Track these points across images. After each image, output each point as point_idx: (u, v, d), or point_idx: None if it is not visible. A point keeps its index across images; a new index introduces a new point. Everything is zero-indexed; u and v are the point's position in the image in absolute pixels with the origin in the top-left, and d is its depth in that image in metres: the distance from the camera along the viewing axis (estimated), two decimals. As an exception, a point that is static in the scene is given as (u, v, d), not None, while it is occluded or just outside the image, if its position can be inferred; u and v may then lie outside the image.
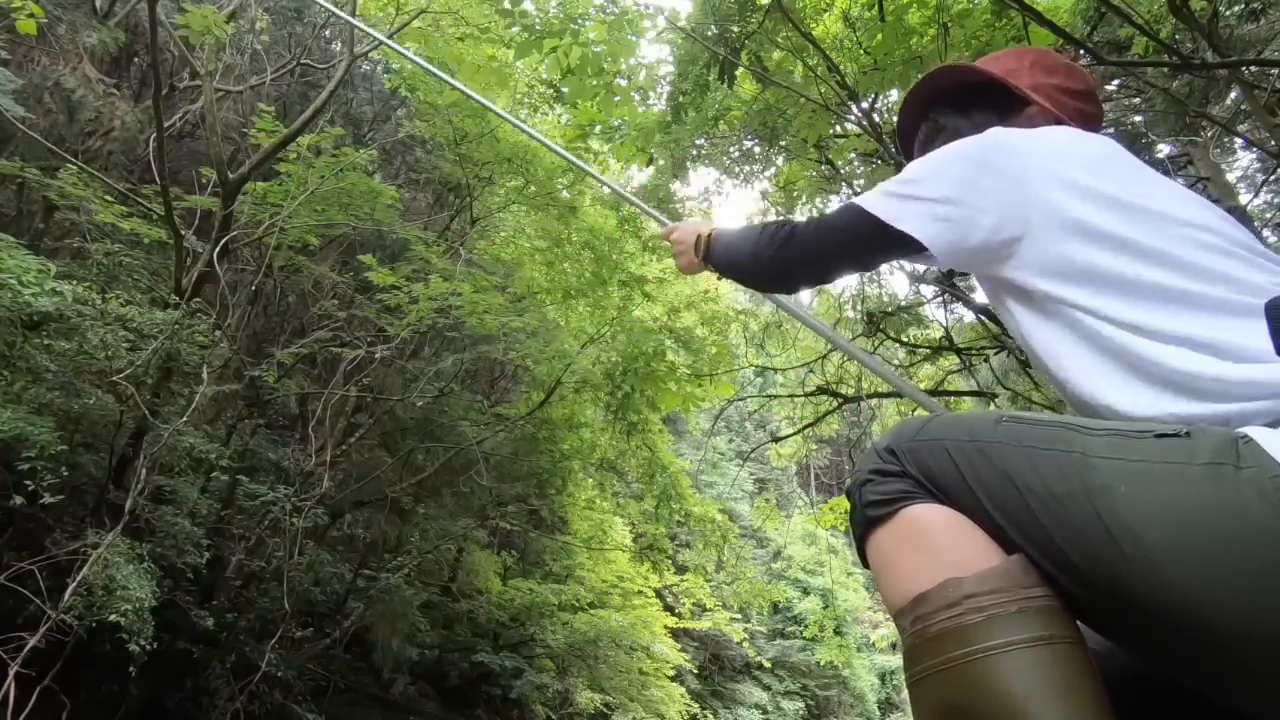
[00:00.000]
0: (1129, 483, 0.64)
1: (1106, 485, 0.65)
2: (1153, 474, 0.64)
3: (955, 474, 0.73)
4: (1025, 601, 0.67)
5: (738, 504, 18.17)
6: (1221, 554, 0.60)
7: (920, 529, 0.74)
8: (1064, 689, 0.64)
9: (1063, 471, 0.68)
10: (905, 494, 0.76)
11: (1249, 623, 0.59)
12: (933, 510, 0.74)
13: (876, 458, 0.79)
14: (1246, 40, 5.04)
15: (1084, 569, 0.66)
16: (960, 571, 0.70)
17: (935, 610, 0.70)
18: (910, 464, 0.76)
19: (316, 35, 8.48)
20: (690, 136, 6.31)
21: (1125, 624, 0.67)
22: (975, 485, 0.72)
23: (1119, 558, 0.63)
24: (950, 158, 0.88)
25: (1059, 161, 0.83)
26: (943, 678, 0.68)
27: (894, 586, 0.75)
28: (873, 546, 0.78)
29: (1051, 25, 2.72)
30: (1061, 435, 0.70)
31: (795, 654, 18.48)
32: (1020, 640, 0.66)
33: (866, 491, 0.78)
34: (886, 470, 0.77)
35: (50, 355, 4.64)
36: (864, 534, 0.79)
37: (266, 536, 6.07)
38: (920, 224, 0.87)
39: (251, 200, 5.87)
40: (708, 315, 10.01)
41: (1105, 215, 0.78)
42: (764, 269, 1.08)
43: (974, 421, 0.77)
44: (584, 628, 10.37)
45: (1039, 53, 1.08)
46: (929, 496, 0.75)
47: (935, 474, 0.75)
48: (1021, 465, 0.70)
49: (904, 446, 0.77)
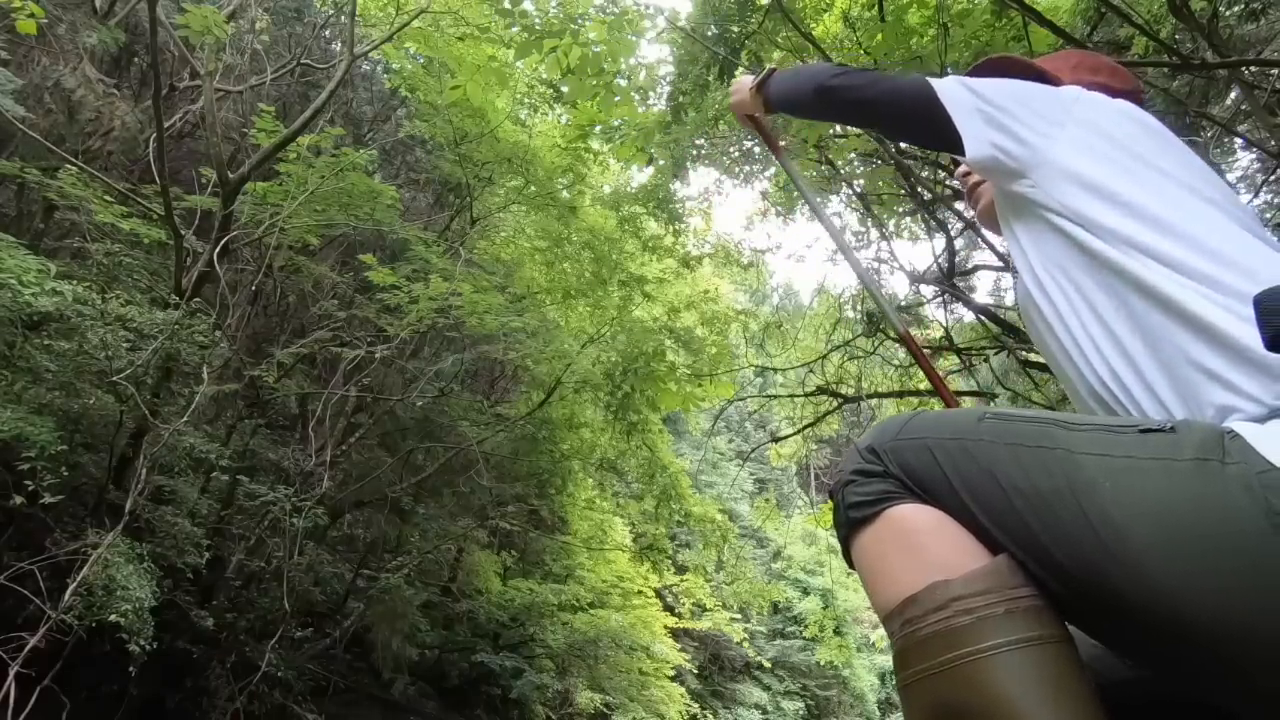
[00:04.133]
0: (1114, 479, 0.64)
1: (1092, 481, 0.64)
2: (1138, 470, 0.64)
3: (938, 473, 0.72)
4: (1013, 602, 0.67)
5: (738, 504, 18.17)
6: (1207, 550, 0.59)
7: (904, 530, 0.73)
8: (1055, 688, 0.63)
9: (1047, 468, 0.67)
10: (888, 494, 0.75)
11: (1236, 620, 0.58)
12: (917, 510, 0.73)
13: (858, 457, 0.78)
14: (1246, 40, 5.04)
15: (1070, 568, 0.65)
16: (947, 573, 0.69)
17: (924, 613, 0.69)
18: (892, 463, 0.75)
19: (316, 35, 8.48)
20: (690, 136, 6.31)
21: (1113, 624, 0.67)
22: (959, 484, 0.71)
23: (1105, 555, 0.62)
24: (1016, 87, 0.93)
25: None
26: (933, 681, 0.68)
27: (881, 589, 0.74)
28: (857, 548, 0.78)
29: (1051, 25, 2.73)
30: (1046, 432, 0.70)
31: (795, 654, 18.48)
32: (1009, 641, 0.65)
33: (849, 492, 0.77)
34: (869, 470, 0.76)
35: (50, 355, 4.64)
36: (848, 535, 0.79)
37: (266, 536, 6.08)
38: (967, 117, 0.91)
39: (251, 200, 5.87)
40: (708, 315, 10.02)
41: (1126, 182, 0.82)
42: (818, 90, 1.11)
43: (957, 419, 0.76)
44: (584, 628, 10.38)
45: (1083, 54, 1.10)
46: (912, 496, 0.74)
47: (918, 473, 0.74)
48: (1005, 463, 0.69)
49: (886, 445, 0.76)
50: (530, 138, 8.35)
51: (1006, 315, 6.30)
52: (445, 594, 9.80)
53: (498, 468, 8.72)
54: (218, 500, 6.28)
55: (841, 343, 7.53)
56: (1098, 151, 0.83)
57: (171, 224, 5.31)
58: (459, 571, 10.25)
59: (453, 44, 6.99)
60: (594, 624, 10.44)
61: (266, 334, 7.65)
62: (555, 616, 10.32)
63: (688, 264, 9.36)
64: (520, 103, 8.81)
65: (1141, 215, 0.77)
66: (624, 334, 8.71)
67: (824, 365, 7.60)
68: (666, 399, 8.97)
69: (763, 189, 8.21)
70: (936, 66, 3.50)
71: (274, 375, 6.24)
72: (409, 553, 8.25)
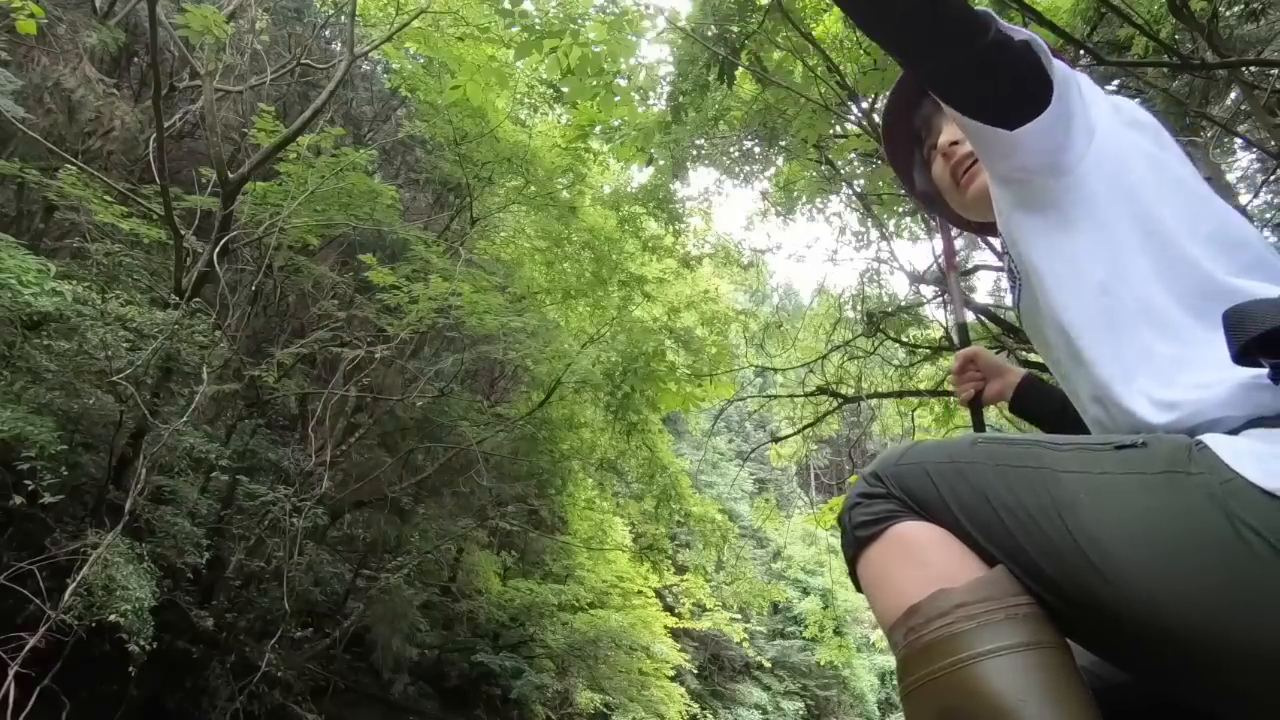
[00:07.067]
0: (1093, 495, 0.67)
1: (1073, 498, 0.68)
2: (1114, 485, 0.67)
3: (935, 495, 0.76)
4: (1012, 609, 0.69)
5: (738, 504, 18.17)
6: (1180, 559, 0.62)
7: (908, 544, 0.76)
8: (1053, 692, 0.65)
9: (1033, 487, 0.70)
10: (892, 513, 0.78)
11: (1211, 625, 0.60)
12: (920, 527, 0.76)
13: (863, 483, 0.82)
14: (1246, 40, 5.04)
15: (1058, 581, 0.68)
16: (949, 583, 0.72)
17: (928, 620, 0.71)
18: (895, 487, 0.78)
19: (316, 35, 8.48)
20: (690, 136, 6.32)
21: (1102, 634, 0.69)
22: (954, 504, 0.74)
23: (1088, 569, 0.65)
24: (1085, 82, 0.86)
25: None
26: (935, 686, 0.69)
27: (886, 601, 0.77)
28: (863, 565, 0.80)
29: (1051, 25, 2.73)
30: (1032, 452, 0.73)
31: (795, 654, 18.48)
32: (1009, 646, 0.67)
33: (855, 514, 0.80)
34: (873, 493, 0.80)
35: (50, 355, 4.64)
36: (855, 555, 0.81)
37: (266, 536, 6.07)
38: (1065, 87, 0.81)
39: (251, 200, 5.87)
40: (708, 315, 10.02)
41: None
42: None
43: (951, 445, 0.79)
44: (584, 628, 10.38)
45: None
46: (915, 515, 0.77)
47: (917, 495, 0.77)
48: (995, 484, 0.73)
49: (888, 471, 0.80)
50: (530, 138, 8.35)
51: (1006, 315, 6.29)
52: (445, 594, 9.80)
53: (497, 468, 8.72)
54: (218, 500, 6.27)
55: (841, 343, 7.54)
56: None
57: (171, 224, 5.31)
58: (459, 571, 10.26)
59: (453, 44, 6.99)
60: (594, 624, 10.44)
61: (266, 334, 7.65)
62: (555, 616, 10.32)
63: (688, 264, 9.37)
64: (520, 103, 8.82)
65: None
66: (624, 334, 8.72)
67: (824, 365, 7.60)
68: (666, 399, 8.97)
69: (763, 189, 8.21)
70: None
71: (274, 375, 6.24)
72: (409, 553, 8.25)
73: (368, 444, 8.07)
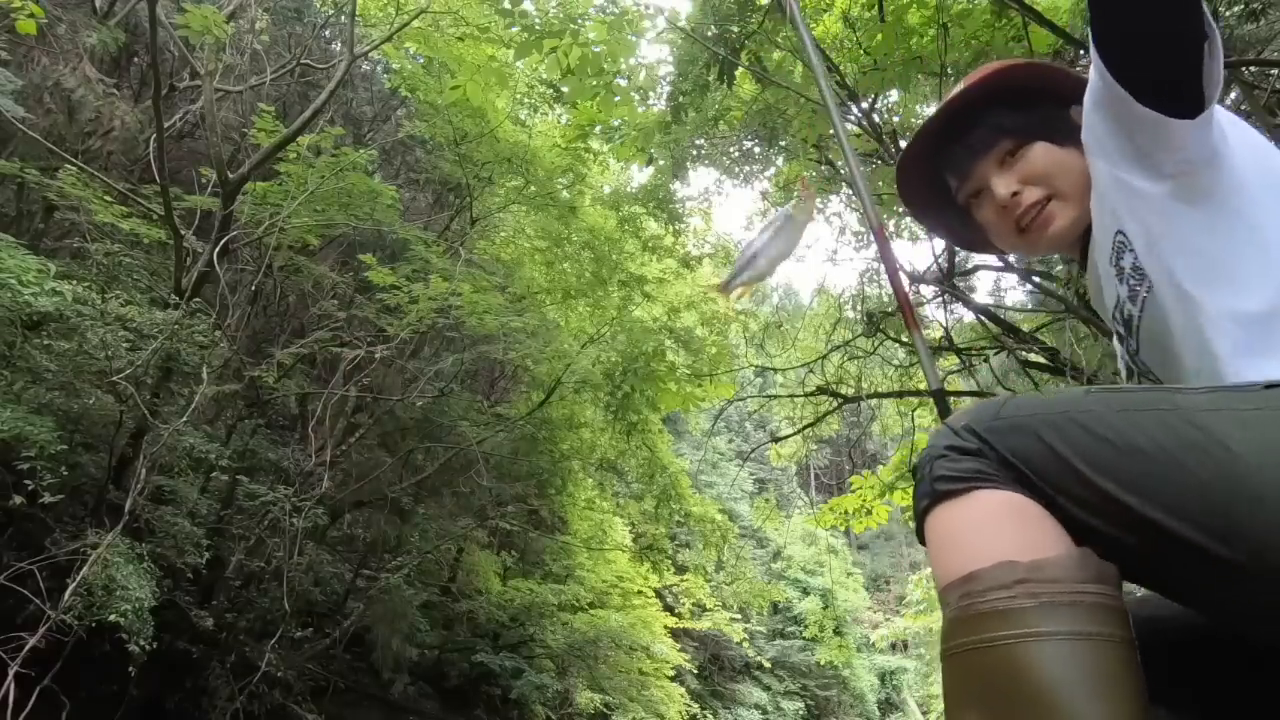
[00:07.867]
0: (1247, 428, 0.65)
1: (1224, 433, 0.65)
2: (1271, 418, 0.65)
3: (1044, 449, 0.72)
4: (1078, 595, 0.67)
5: (738, 504, 18.17)
6: None
7: (990, 511, 0.73)
8: (1103, 685, 0.63)
9: (1170, 427, 0.68)
10: (981, 474, 0.74)
11: None
12: (1009, 496, 0.73)
13: (953, 435, 0.77)
14: (1246, 40, 5.04)
15: (1199, 519, 0.65)
16: (1020, 556, 0.69)
17: (986, 589, 0.69)
18: (994, 444, 0.74)
19: (316, 35, 8.49)
20: (690, 136, 6.32)
21: (1211, 577, 0.67)
22: (1070, 454, 0.70)
23: (1243, 500, 0.63)
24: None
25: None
26: (980, 655, 0.68)
27: (949, 561, 0.74)
28: (935, 519, 0.76)
29: (1051, 25, 2.73)
30: (1159, 397, 0.71)
31: (795, 654, 18.50)
32: (1067, 631, 0.65)
33: (939, 466, 0.76)
34: (964, 448, 0.75)
35: (50, 355, 4.64)
36: (929, 507, 0.77)
37: (266, 536, 6.07)
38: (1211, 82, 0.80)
39: (251, 200, 5.87)
40: (708, 315, 10.02)
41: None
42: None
43: (1063, 397, 0.76)
44: (584, 628, 10.38)
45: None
46: (1009, 479, 0.73)
47: (1020, 452, 0.73)
48: (1124, 428, 0.69)
49: (985, 426, 0.75)
50: (530, 138, 8.35)
51: (1006, 315, 6.30)
52: (445, 594, 9.80)
53: (497, 468, 8.72)
54: (218, 500, 6.27)
55: (841, 343, 7.53)
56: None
57: (171, 224, 5.31)
58: (459, 571, 10.26)
59: (453, 44, 6.99)
60: (594, 624, 10.45)
61: (266, 334, 7.65)
62: (555, 616, 10.32)
63: (688, 264, 9.37)
64: (520, 103, 8.81)
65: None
66: (624, 334, 8.71)
67: (824, 365, 7.59)
68: (666, 399, 8.97)
69: (763, 189, 8.21)
70: (936, 67, 3.50)
71: (274, 375, 6.24)
72: (409, 553, 8.25)
73: (368, 444, 8.07)
